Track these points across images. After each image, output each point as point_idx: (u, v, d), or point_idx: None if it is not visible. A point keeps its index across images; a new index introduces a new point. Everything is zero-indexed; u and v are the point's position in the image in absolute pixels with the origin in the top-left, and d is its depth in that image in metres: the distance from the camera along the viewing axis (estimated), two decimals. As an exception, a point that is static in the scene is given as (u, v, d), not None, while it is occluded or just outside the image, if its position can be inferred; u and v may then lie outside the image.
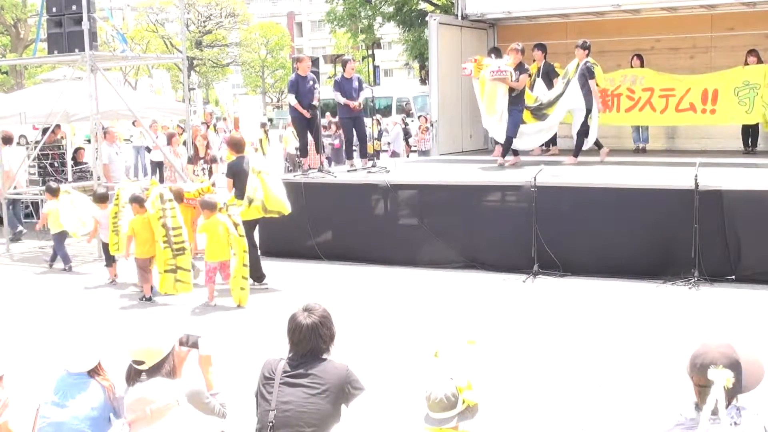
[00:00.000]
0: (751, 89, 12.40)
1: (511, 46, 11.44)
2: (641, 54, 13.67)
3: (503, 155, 11.76)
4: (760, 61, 12.71)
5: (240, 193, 9.13)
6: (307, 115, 11.54)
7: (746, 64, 12.74)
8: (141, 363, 3.72)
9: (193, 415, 3.66)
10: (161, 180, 15.01)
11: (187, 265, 9.03)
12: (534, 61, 12.97)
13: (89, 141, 14.31)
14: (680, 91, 12.95)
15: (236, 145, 9.65)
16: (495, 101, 11.33)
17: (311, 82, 11.50)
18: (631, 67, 13.56)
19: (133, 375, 3.73)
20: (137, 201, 9.17)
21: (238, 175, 9.23)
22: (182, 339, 3.99)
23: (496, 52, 12.65)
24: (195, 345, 4.04)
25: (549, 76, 12.84)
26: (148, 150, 19.94)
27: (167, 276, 8.91)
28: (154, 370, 3.72)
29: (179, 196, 9.51)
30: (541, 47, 13.07)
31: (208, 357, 4.08)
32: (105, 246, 10.11)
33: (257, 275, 9.33)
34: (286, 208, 9.26)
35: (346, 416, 3.89)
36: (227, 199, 9.07)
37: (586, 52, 11.40)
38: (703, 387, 3.03)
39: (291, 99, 11.54)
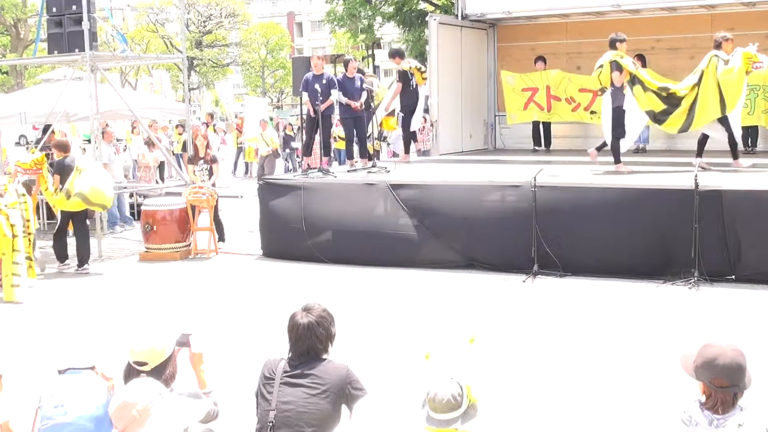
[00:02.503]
0: (751, 90, 12.39)
1: (727, 36, 10.14)
2: (643, 54, 13.64)
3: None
4: None
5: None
6: (312, 112, 11.66)
7: None
8: (143, 364, 3.65)
9: (178, 401, 3.60)
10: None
11: (31, 255, 10.20)
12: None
13: (89, 141, 14.30)
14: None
15: (62, 147, 11.09)
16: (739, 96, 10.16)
17: (324, 82, 11.60)
18: (634, 66, 13.50)
19: (133, 377, 3.65)
20: None
21: (63, 173, 10.58)
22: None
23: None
24: (186, 343, 3.99)
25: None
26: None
27: (28, 263, 9.88)
28: (157, 373, 3.65)
29: (29, 189, 10.31)
30: (399, 54, 13.21)
31: (199, 355, 4.03)
32: None
33: (63, 256, 10.86)
34: (108, 201, 10.81)
35: (346, 417, 3.88)
36: (16, 200, 9.75)
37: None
38: (721, 388, 3.02)
39: (304, 96, 11.91)
